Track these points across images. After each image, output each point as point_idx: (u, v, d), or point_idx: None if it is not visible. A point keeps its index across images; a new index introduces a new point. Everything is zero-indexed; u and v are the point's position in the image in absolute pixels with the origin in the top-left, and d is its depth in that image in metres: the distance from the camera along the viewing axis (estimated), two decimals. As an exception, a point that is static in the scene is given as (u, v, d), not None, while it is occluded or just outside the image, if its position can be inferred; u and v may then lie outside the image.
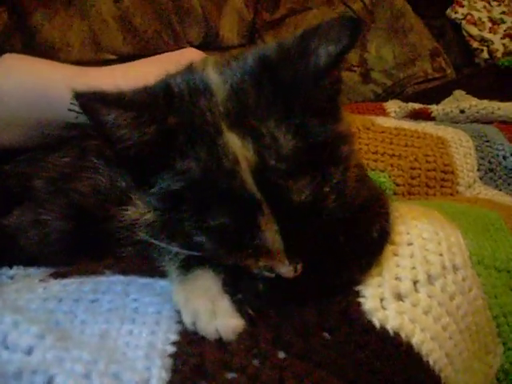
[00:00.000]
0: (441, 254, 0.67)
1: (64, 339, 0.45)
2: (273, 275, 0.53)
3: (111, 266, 0.61)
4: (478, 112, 1.59)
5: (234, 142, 0.49)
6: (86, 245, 0.68)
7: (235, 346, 0.49)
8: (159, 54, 1.78)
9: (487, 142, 1.36)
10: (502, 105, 1.58)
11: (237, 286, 0.54)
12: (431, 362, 0.59)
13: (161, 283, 0.57)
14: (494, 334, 0.76)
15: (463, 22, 2.64)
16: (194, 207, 0.50)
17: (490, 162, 1.33)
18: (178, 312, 0.52)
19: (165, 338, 0.49)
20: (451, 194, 1.22)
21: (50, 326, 0.47)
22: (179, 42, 1.74)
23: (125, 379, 0.43)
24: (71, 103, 0.70)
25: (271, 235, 0.50)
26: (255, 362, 0.49)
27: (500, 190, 1.32)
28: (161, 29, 1.75)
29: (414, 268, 0.64)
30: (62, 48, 1.52)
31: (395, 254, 0.65)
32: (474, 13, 2.64)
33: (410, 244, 0.67)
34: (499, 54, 2.51)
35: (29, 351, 0.44)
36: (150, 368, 0.45)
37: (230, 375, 0.46)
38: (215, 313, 0.50)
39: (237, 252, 0.52)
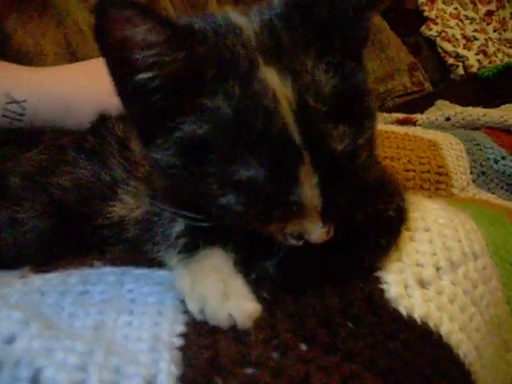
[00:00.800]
0: (459, 241, 0.62)
1: (52, 328, 0.38)
2: (300, 243, 0.47)
3: (101, 258, 0.54)
4: (463, 119, 1.58)
5: (272, 77, 0.43)
6: (68, 244, 0.61)
7: (253, 337, 0.42)
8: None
9: (477, 145, 1.35)
10: (487, 111, 1.57)
11: (250, 266, 0.47)
12: (461, 355, 0.53)
13: (159, 273, 0.51)
14: (512, 330, 0.71)
15: (438, 38, 2.67)
16: (222, 157, 0.43)
17: (481, 165, 1.31)
18: (183, 301, 0.45)
19: (171, 330, 0.42)
20: (446, 197, 1.18)
21: (35, 314, 0.39)
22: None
23: (128, 373, 0.36)
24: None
25: (310, 189, 0.44)
26: (275, 354, 0.42)
27: (493, 193, 1.30)
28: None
29: (434, 254, 0.59)
30: (35, 56, 1.44)
31: (413, 240, 0.60)
32: (448, 30, 2.69)
33: (427, 230, 0.62)
34: (474, 70, 2.54)
35: (10, 340, 0.36)
36: (158, 361, 0.38)
37: (250, 370, 0.40)
38: (227, 294, 0.43)
39: (268, 213, 0.45)
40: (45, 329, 0.37)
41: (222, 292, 0.44)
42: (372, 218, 0.54)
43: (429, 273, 0.56)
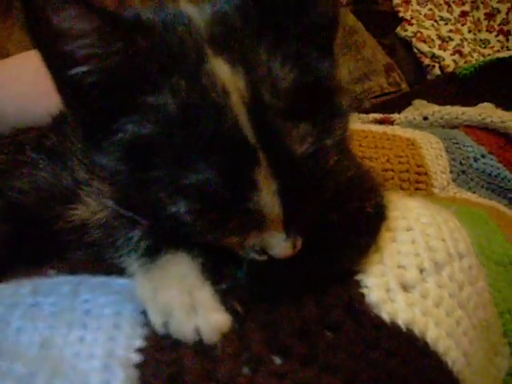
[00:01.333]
0: (443, 240, 0.59)
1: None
2: (264, 257, 0.42)
3: (56, 265, 0.49)
4: (441, 118, 1.56)
5: (222, 69, 0.39)
6: (25, 250, 0.56)
7: (220, 351, 0.37)
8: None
9: (456, 144, 1.33)
10: (465, 109, 1.55)
11: (218, 273, 0.43)
12: (449, 362, 0.50)
13: (119, 281, 0.46)
14: (501, 332, 0.68)
15: (413, 39, 2.67)
16: (170, 160, 0.39)
17: (461, 164, 1.29)
18: (143, 313, 0.40)
19: (127, 345, 0.37)
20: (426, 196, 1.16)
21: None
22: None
23: (74, 397, 0.31)
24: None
25: (269, 196, 0.39)
26: (246, 370, 0.37)
27: (474, 192, 1.27)
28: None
29: (417, 255, 0.55)
30: (0, 59, 1.39)
31: (394, 241, 0.56)
32: (423, 31, 2.69)
33: (408, 229, 0.58)
34: (450, 70, 2.54)
35: None
36: (110, 382, 0.33)
37: None
38: (194, 306, 0.39)
39: (222, 223, 0.41)
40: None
41: (188, 304, 0.39)
42: (348, 217, 0.50)
43: (412, 275, 0.52)
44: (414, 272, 0.53)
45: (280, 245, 0.41)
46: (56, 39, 0.38)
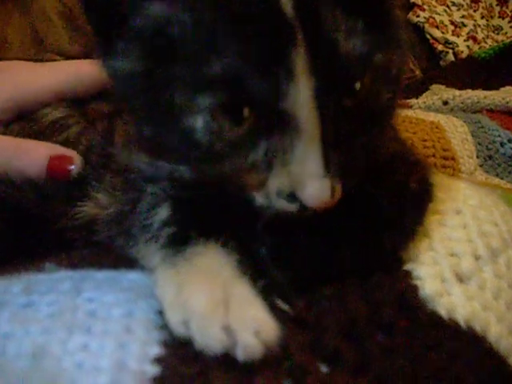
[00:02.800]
0: (496, 224, 0.51)
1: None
2: (294, 207, 0.34)
3: (54, 259, 0.42)
4: (462, 102, 1.50)
5: None
6: (19, 251, 0.49)
7: (256, 361, 0.30)
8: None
9: (482, 127, 1.26)
10: (488, 93, 1.50)
11: (257, 267, 0.35)
12: (512, 365, 0.42)
13: (130, 276, 0.39)
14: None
15: (426, 25, 2.62)
16: (194, 47, 0.32)
17: (488, 149, 1.23)
18: (160, 313, 0.33)
19: (141, 353, 0.30)
20: (457, 180, 1.09)
21: None
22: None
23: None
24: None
25: (304, 91, 0.32)
26: (287, 382, 0.30)
27: (502, 178, 1.21)
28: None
29: (471, 241, 0.47)
30: (-1, 45, 1.34)
31: (443, 225, 0.48)
32: (436, 16, 2.63)
33: (458, 212, 0.51)
34: (464, 56, 2.48)
35: None
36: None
37: None
38: (226, 302, 0.31)
39: (240, 145, 0.34)
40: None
41: (220, 298, 0.31)
42: (390, 193, 0.43)
43: (468, 264, 0.45)
44: (469, 260, 0.45)
45: (315, 182, 0.33)
46: None
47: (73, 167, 0.55)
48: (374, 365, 0.33)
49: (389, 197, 0.43)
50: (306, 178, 0.34)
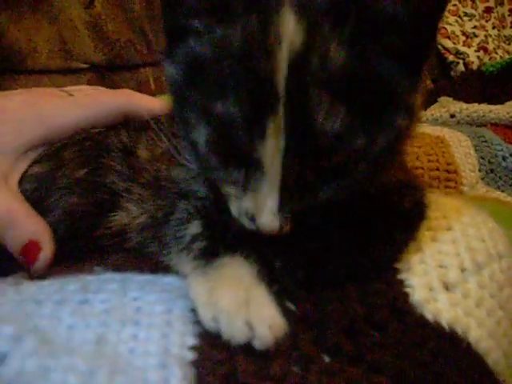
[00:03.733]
0: (483, 240, 0.58)
1: (49, 343, 0.33)
2: (252, 226, 0.43)
3: (101, 263, 0.49)
4: (468, 116, 1.54)
5: (289, 21, 0.40)
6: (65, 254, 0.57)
7: (272, 350, 0.38)
8: (131, 62, 1.68)
9: (485, 142, 1.31)
10: (493, 107, 1.54)
11: (272, 276, 0.43)
12: (491, 364, 0.49)
13: (166, 280, 0.46)
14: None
15: (438, 35, 2.62)
16: (210, 83, 0.41)
17: (490, 163, 1.28)
18: (194, 311, 0.41)
19: (181, 342, 0.37)
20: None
21: (29, 328, 0.35)
22: (152, 51, 1.65)
23: (136, 394, 0.32)
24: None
25: (272, 151, 0.40)
26: (297, 368, 0.38)
27: (502, 191, 1.26)
28: (133, 37, 1.65)
29: (458, 255, 0.54)
30: (28, 54, 1.41)
31: (435, 240, 0.56)
32: (448, 27, 2.65)
33: (449, 229, 0.57)
34: (475, 67, 2.51)
35: (1, 359, 0.32)
36: (169, 379, 0.33)
37: None
38: (248, 302, 0.39)
39: (227, 164, 0.43)
40: (41, 345, 0.33)
41: (242, 299, 0.39)
42: (385, 211, 0.51)
43: (454, 275, 0.52)
44: (455, 272, 0.52)
45: (268, 214, 0.42)
46: None
47: (41, 257, 0.55)
48: (367, 357, 0.41)
49: (386, 216, 0.50)
50: (263, 211, 0.42)
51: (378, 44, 0.41)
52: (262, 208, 0.42)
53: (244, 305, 0.39)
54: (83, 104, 0.65)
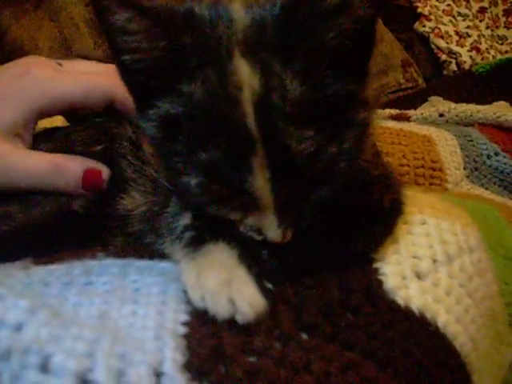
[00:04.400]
0: (456, 234, 0.63)
1: (59, 317, 0.38)
2: (260, 238, 0.48)
3: (103, 249, 0.54)
4: (457, 115, 1.58)
5: (243, 69, 0.45)
6: (73, 229, 0.62)
7: (255, 327, 0.43)
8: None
9: (471, 141, 1.35)
10: (481, 107, 1.58)
11: (252, 260, 0.48)
12: (457, 346, 0.54)
13: (162, 265, 0.51)
14: (506, 322, 0.72)
15: (431, 35, 2.66)
16: (189, 136, 0.46)
17: (475, 161, 1.32)
18: (186, 292, 0.45)
19: (174, 319, 0.42)
20: (440, 192, 1.19)
21: (40, 303, 0.40)
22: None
23: (134, 360, 0.37)
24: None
25: (262, 183, 0.45)
26: (277, 344, 0.43)
27: (486, 188, 1.31)
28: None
29: (431, 247, 0.59)
30: (30, 50, 1.45)
31: (410, 233, 0.60)
32: (441, 26, 2.68)
33: (424, 223, 0.62)
34: (467, 66, 2.55)
35: (18, 327, 0.36)
36: (163, 349, 0.38)
37: (253, 359, 0.41)
38: (230, 282, 0.44)
39: (224, 199, 0.48)
40: (52, 317, 0.37)
41: (225, 280, 0.45)
42: (366, 208, 0.56)
43: (425, 265, 0.57)
44: (427, 262, 0.57)
45: (271, 230, 0.47)
46: (113, 32, 0.46)
47: (104, 178, 0.65)
48: (342, 336, 0.46)
49: (365, 212, 0.55)
50: (266, 227, 0.48)
51: (326, 64, 0.46)
52: (264, 225, 0.48)
53: (227, 284, 0.44)
54: (77, 79, 0.69)
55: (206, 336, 0.41)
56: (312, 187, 0.48)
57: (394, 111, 1.71)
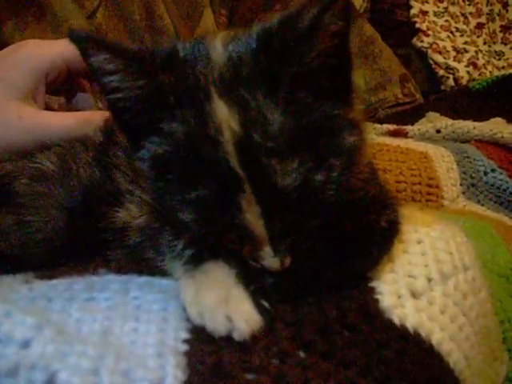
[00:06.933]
0: (450, 253, 0.64)
1: (64, 333, 0.39)
2: (259, 265, 0.50)
3: (104, 265, 0.55)
4: (454, 131, 1.59)
5: (220, 109, 0.46)
6: (75, 244, 0.63)
7: (253, 345, 0.44)
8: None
9: (467, 157, 1.37)
10: (477, 124, 1.59)
11: (250, 279, 0.49)
12: (451, 363, 0.55)
13: (162, 281, 0.52)
14: (500, 339, 0.73)
15: (429, 50, 2.69)
16: (179, 175, 0.47)
17: (471, 177, 1.33)
18: (186, 309, 0.47)
19: (175, 336, 0.43)
20: (436, 208, 1.21)
21: (45, 320, 0.41)
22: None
23: (137, 377, 0.38)
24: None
25: (253, 218, 0.46)
26: (275, 361, 0.44)
27: (482, 205, 1.32)
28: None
29: (426, 266, 0.61)
30: (32, 61, 1.46)
31: (405, 252, 0.62)
32: (439, 42, 2.70)
33: (419, 242, 0.64)
34: (464, 82, 2.57)
35: (25, 344, 0.38)
36: (165, 366, 0.39)
37: (251, 376, 0.42)
38: (227, 299, 0.46)
39: (218, 233, 0.49)
40: (57, 334, 0.38)
41: (223, 297, 0.46)
42: (364, 229, 0.57)
43: (421, 284, 0.58)
44: (422, 281, 0.58)
45: (269, 259, 0.48)
46: (95, 72, 0.48)
47: None
48: (338, 354, 0.47)
49: (362, 233, 0.56)
50: (262, 257, 0.49)
51: (308, 89, 0.46)
52: (261, 256, 0.49)
53: (224, 302, 0.46)
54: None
55: (206, 353, 0.42)
56: (304, 216, 0.48)
57: (391, 126, 1.73)
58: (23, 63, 0.75)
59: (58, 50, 0.77)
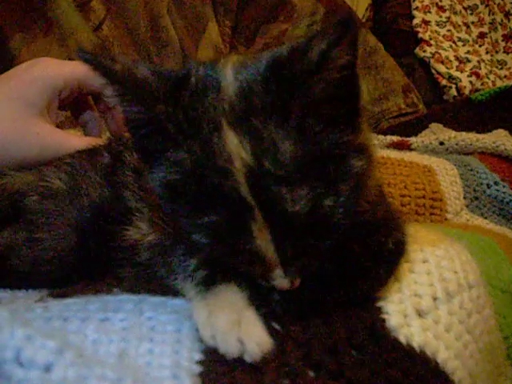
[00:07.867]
0: (456, 272, 0.65)
1: (83, 356, 0.40)
2: (269, 285, 0.51)
3: (117, 284, 0.57)
4: (457, 144, 1.60)
5: (231, 140, 0.46)
6: (86, 262, 0.64)
7: (265, 365, 0.45)
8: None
9: (471, 170, 1.37)
10: (480, 136, 1.60)
11: (260, 300, 0.51)
12: (456, 381, 0.57)
13: (175, 302, 0.54)
14: (504, 355, 0.75)
15: (431, 60, 2.70)
16: (188, 202, 0.48)
17: (475, 190, 1.34)
18: (199, 331, 0.48)
19: (189, 357, 0.45)
20: (440, 222, 1.22)
21: (64, 342, 0.42)
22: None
23: (153, 399, 0.39)
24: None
25: (264, 243, 0.47)
26: (286, 381, 0.45)
27: (485, 218, 1.33)
28: (139, 59, 1.72)
29: (432, 285, 0.62)
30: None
31: (411, 271, 0.63)
32: (442, 52, 2.71)
33: (425, 261, 0.65)
34: (467, 91, 2.58)
35: (47, 368, 0.39)
36: (179, 388, 0.41)
37: None
38: (239, 322, 0.47)
39: (230, 256, 0.50)
40: (77, 357, 0.40)
41: (235, 320, 0.47)
42: (371, 250, 0.58)
43: (426, 303, 0.59)
44: (428, 300, 0.60)
45: (279, 280, 0.50)
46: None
47: None
48: (347, 373, 0.48)
49: (369, 254, 0.58)
50: (273, 278, 0.50)
51: (317, 120, 0.47)
52: (271, 277, 0.50)
53: (236, 325, 0.47)
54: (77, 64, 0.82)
55: (220, 374, 0.43)
56: (314, 239, 0.49)
57: (395, 138, 1.74)
58: (40, 81, 0.79)
59: (72, 69, 0.81)
